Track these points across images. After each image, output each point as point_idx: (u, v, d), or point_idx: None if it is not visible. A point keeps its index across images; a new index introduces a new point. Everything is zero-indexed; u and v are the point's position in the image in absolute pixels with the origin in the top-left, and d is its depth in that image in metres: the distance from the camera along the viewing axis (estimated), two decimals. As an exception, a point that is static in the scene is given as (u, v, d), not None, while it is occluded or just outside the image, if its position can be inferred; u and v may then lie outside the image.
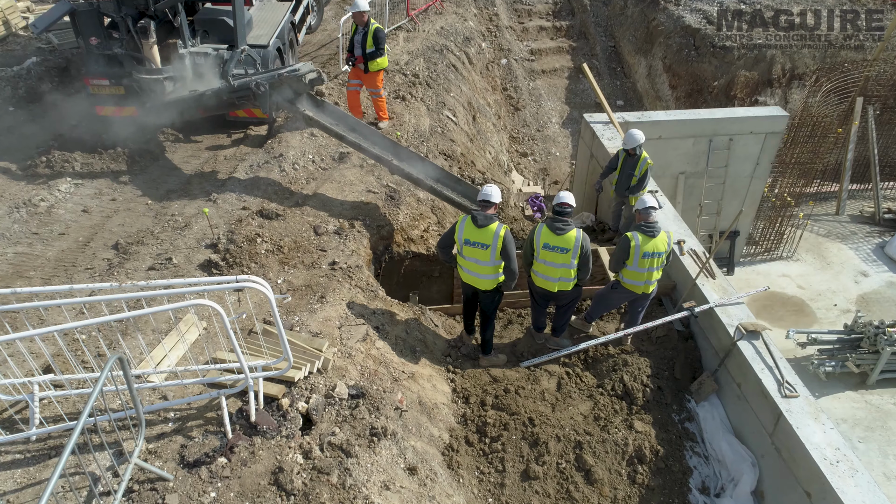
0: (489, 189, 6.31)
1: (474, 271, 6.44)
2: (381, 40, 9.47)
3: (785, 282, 13.01)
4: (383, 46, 9.51)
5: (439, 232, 8.66)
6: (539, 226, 6.55)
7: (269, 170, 8.79)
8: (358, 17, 9.35)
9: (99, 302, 5.02)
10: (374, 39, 9.42)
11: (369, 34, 9.40)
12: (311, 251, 7.38)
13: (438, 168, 8.27)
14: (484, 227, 6.18)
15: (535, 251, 6.60)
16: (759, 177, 12.15)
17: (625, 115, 11.31)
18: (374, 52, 9.45)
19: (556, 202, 6.55)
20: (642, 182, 8.62)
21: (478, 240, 6.24)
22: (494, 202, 6.25)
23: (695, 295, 7.43)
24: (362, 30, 9.45)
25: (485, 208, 6.25)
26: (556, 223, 6.43)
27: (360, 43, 9.53)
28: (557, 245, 6.41)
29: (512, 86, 19.23)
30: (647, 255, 6.60)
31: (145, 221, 7.90)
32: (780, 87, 16.40)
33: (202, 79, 9.42)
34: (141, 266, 6.99)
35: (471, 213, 6.32)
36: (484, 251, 6.26)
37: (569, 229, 6.43)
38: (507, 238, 6.20)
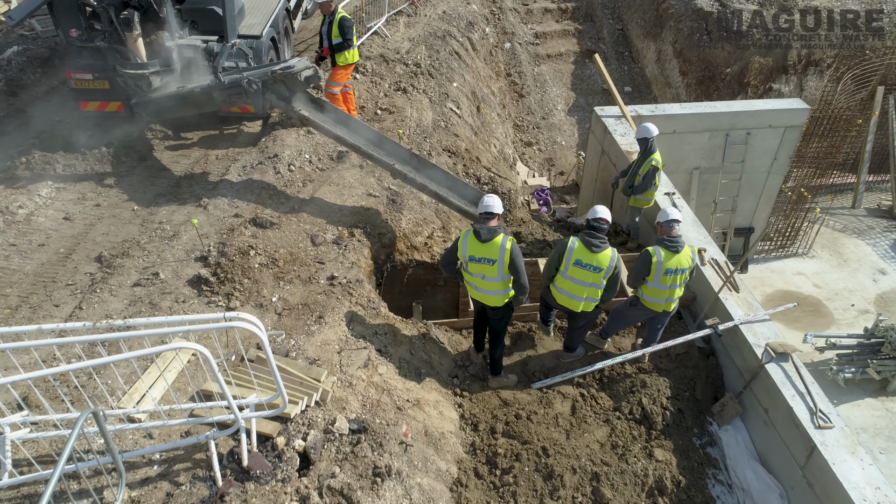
0: (490, 200, 5.81)
1: (482, 288, 5.98)
2: (348, 30, 8.83)
3: (800, 280, 12.57)
4: (351, 37, 8.86)
5: (444, 238, 8.18)
6: (571, 240, 6.06)
7: (263, 171, 8.27)
8: (324, 6, 8.73)
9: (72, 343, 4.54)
10: (339, 29, 8.80)
11: (334, 23, 8.78)
12: (307, 264, 6.91)
13: (444, 172, 7.75)
14: (488, 242, 5.71)
15: (563, 266, 6.12)
16: (777, 172, 11.64)
17: (637, 108, 10.76)
18: (341, 44, 8.84)
19: (592, 217, 6.05)
20: (645, 183, 8.10)
21: (483, 255, 5.77)
22: (497, 213, 5.77)
23: (717, 310, 6.98)
24: (328, 19, 8.84)
25: (487, 220, 5.77)
26: (592, 240, 5.94)
27: (325, 34, 8.91)
28: (590, 263, 5.94)
29: (516, 71, 18.59)
30: (669, 271, 6.13)
31: (131, 230, 7.40)
32: (795, 75, 15.80)
33: (191, 74, 8.86)
34: (125, 282, 6.52)
35: (472, 227, 5.83)
36: (491, 267, 5.79)
37: (605, 247, 5.95)
38: (514, 251, 5.73)
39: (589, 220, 6.09)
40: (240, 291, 6.40)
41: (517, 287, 5.99)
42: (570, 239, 6.14)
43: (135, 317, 6.06)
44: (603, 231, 6.06)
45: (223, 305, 6.26)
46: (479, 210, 5.84)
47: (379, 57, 11.78)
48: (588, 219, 6.15)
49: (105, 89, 8.78)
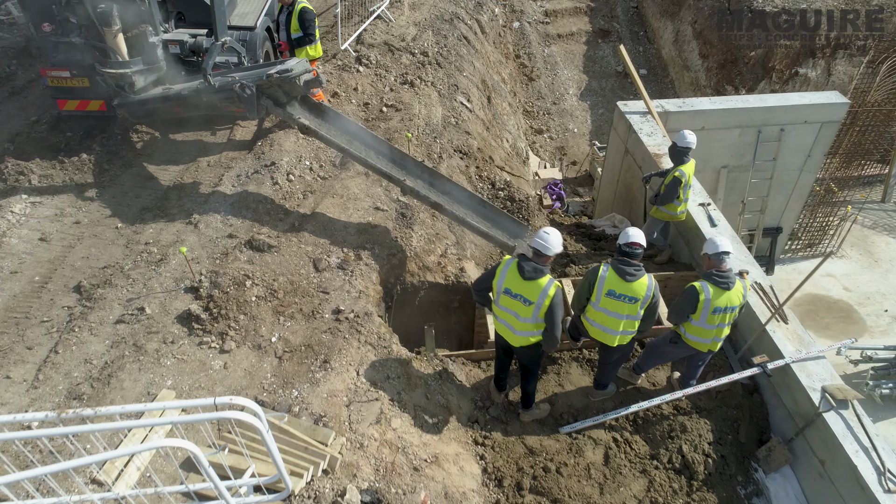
0: (548, 237, 5.04)
1: (510, 324, 5.31)
2: (310, 23, 7.90)
3: (829, 283, 11.90)
4: (313, 31, 7.93)
5: (458, 256, 7.47)
6: (602, 268, 5.37)
7: (260, 182, 7.51)
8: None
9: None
10: (299, 21, 7.90)
11: (294, 14, 7.87)
12: (310, 294, 6.21)
13: (466, 191, 6.97)
14: (531, 281, 5.02)
15: (594, 297, 5.44)
16: (810, 170, 10.88)
17: (663, 103, 9.94)
18: (302, 39, 7.96)
19: (624, 241, 5.36)
20: (666, 195, 7.35)
21: (520, 292, 5.08)
22: (551, 255, 5.06)
23: (763, 343, 6.32)
24: (287, 9, 7.93)
25: (537, 256, 5.06)
26: (625, 267, 5.25)
27: (284, 24, 8.01)
28: (624, 293, 5.26)
29: (525, 52, 17.65)
30: (718, 310, 5.45)
31: (114, 252, 6.69)
32: (822, 58, 14.88)
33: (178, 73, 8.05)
34: (107, 317, 5.84)
35: (518, 258, 5.12)
36: (525, 307, 5.11)
37: (640, 275, 5.26)
38: (556, 299, 5.04)
39: (621, 245, 5.39)
40: (235, 330, 5.72)
41: (547, 338, 5.30)
42: (600, 266, 5.45)
43: (117, 362, 5.40)
44: (637, 257, 5.37)
45: (217, 347, 5.59)
46: (531, 242, 5.11)
47: (383, 45, 10.91)
48: (620, 244, 5.45)
49: (85, 87, 7.99)
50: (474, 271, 7.47)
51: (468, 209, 6.82)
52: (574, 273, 7.62)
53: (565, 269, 7.70)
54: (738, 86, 15.13)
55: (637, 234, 5.36)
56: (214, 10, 6.88)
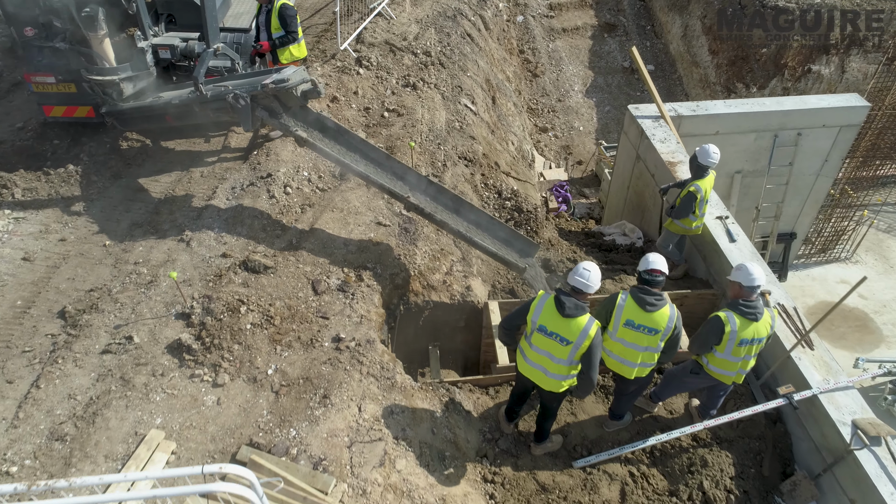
0: (590, 275, 4.68)
1: (543, 367, 4.95)
2: (291, 20, 7.44)
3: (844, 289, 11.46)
4: (295, 29, 7.48)
5: (464, 272, 7.11)
6: (620, 296, 5.02)
7: (256, 195, 7.14)
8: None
9: None
10: (279, 20, 7.43)
11: (274, 13, 7.41)
12: (309, 319, 5.86)
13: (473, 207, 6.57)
14: (571, 319, 4.66)
15: (611, 326, 5.10)
16: (827, 174, 10.51)
17: (677, 106, 9.55)
18: (284, 38, 7.50)
19: (644, 268, 5.01)
20: (681, 209, 6.98)
21: (557, 331, 4.73)
22: (590, 292, 4.70)
23: (788, 371, 5.98)
24: (265, 8, 7.47)
25: (576, 293, 4.71)
26: (645, 296, 4.90)
27: (264, 25, 7.56)
28: (644, 324, 4.92)
29: (529, 47, 17.19)
30: (744, 342, 5.11)
31: (102, 273, 6.33)
32: (836, 55, 14.44)
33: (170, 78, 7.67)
34: (93, 347, 5.49)
35: (557, 295, 4.76)
36: (562, 347, 4.76)
37: (661, 305, 4.92)
38: (596, 339, 4.70)
39: (641, 272, 5.04)
40: (229, 361, 5.38)
41: (583, 380, 4.95)
42: (618, 294, 5.10)
43: (103, 397, 5.06)
44: (658, 285, 5.02)
45: (209, 380, 5.25)
46: (569, 279, 4.75)
47: (384, 45, 10.48)
48: (640, 270, 5.10)
49: (72, 93, 7.60)
50: (481, 289, 7.12)
51: (476, 226, 6.46)
52: (586, 290, 7.25)
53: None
54: (749, 83, 14.71)
55: (658, 260, 5.01)
56: (205, 15, 6.49)
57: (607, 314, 5.17)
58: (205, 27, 6.52)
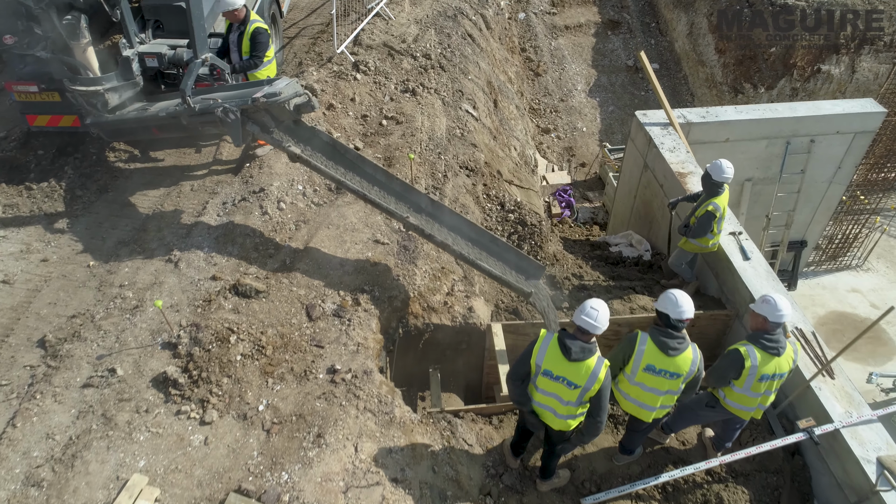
0: (597, 315, 4.31)
1: (552, 408, 4.64)
2: (262, 46, 6.93)
3: (855, 299, 11.27)
4: (263, 55, 6.98)
5: (466, 293, 6.79)
6: (640, 338, 4.69)
7: (248, 211, 6.82)
8: (231, 15, 6.77)
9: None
10: (251, 43, 6.92)
11: (246, 35, 6.91)
12: (302, 349, 5.56)
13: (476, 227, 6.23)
14: (578, 362, 4.35)
15: (629, 369, 4.79)
16: (839, 182, 10.19)
17: (685, 112, 9.21)
18: (248, 62, 6.99)
19: (676, 316, 4.57)
20: (699, 229, 6.65)
21: (564, 375, 4.41)
22: (597, 333, 4.38)
23: (807, 402, 5.69)
24: (238, 28, 6.92)
25: (583, 335, 4.39)
26: (667, 340, 4.57)
27: (235, 45, 7.03)
28: (666, 369, 4.61)
29: (531, 46, 16.81)
30: (765, 377, 4.81)
31: (85, 297, 6.01)
32: (847, 54, 14.09)
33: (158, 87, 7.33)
34: (74, 380, 5.19)
35: (560, 335, 4.44)
36: (570, 391, 4.44)
37: (684, 348, 4.60)
38: (606, 382, 4.39)
39: (669, 316, 4.61)
40: (217, 396, 5.07)
41: (591, 425, 4.62)
42: (637, 336, 4.77)
43: (83, 437, 4.76)
44: (683, 328, 4.68)
45: (197, 417, 4.95)
46: (576, 318, 4.40)
47: (383, 47, 10.13)
48: (665, 313, 4.63)
49: (56, 102, 7.25)
50: (483, 309, 6.81)
51: (479, 247, 6.14)
52: (593, 311, 6.94)
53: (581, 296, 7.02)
54: (757, 83, 14.35)
55: (688, 306, 4.57)
56: (192, 23, 6.13)
57: (625, 357, 4.84)
58: (192, 36, 6.17)
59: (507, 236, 7.96)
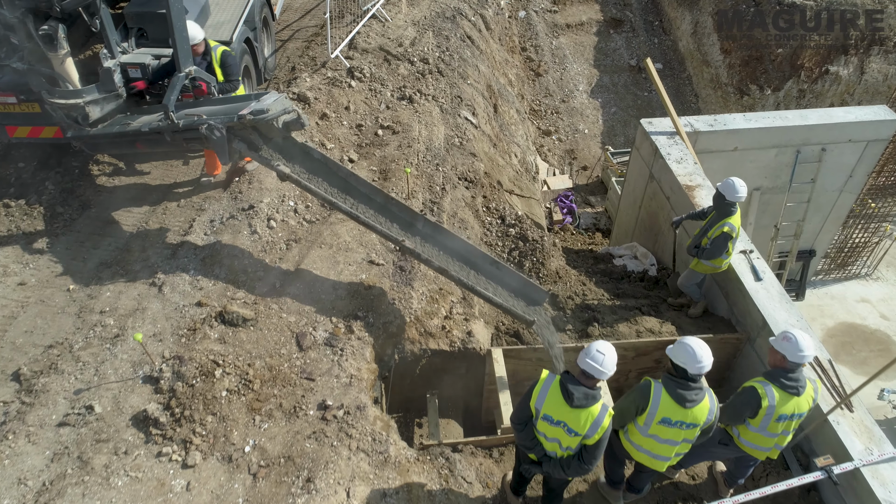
0: (603, 360, 4.01)
1: (553, 451, 4.35)
2: (235, 67, 6.59)
3: (865, 309, 10.98)
4: (239, 76, 6.64)
5: (465, 315, 6.48)
6: (654, 389, 4.34)
7: (236, 231, 6.50)
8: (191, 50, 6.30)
9: None
10: (223, 69, 6.54)
11: (215, 62, 6.56)
12: (292, 382, 5.26)
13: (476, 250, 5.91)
14: (580, 409, 4.05)
15: (642, 421, 4.45)
16: (851, 190, 9.90)
17: (692, 120, 8.89)
18: (226, 87, 6.66)
19: (695, 370, 4.22)
20: (714, 250, 6.35)
21: (564, 420, 4.12)
22: (603, 379, 4.07)
23: (824, 435, 5.40)
24: (202, 60, 6.47)
25: (587, 380, 4.09)
26: (684, 392, 4.25)
27: None
28: (682, 420, 4.30)
29: (532, 45, 16.45)
30: (783, 417, 4.52)
31: (64, 325, 5.71)
32: (856, 55, 13.74)
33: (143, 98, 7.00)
34: (49, 418, 4.89)
35: (563, 379, 4.14)
36: (570, 437, 4.16)
37: (701, 398, 4.29)
38: (609, 430, 4.11)
39: (686, 369, 4.26)
40: (201, 436, 4.78)
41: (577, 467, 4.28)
42: (650, 387, 4.39)
43: (57, 483, 4.48)
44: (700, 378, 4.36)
45: (179, 460, 4.66)
46: (580, 361, 4.09)
47: (379, 51, 9.78)
48: (682, 366, 4.28)
49: (36, 113, 6.91)
50: (483, 332, 6.51)
51: (479, 272, 5.83)
52: (598, 334, 6.66)
53: (587, 328, 6.74)
54: (764, 85, 14.01)
55: (707, 360, 4.24)
56: (175, 35, 5.78)
57: (637, 409, 4.49)
58: (175, 49, 5.83)
59: (508, 252, 7.66)
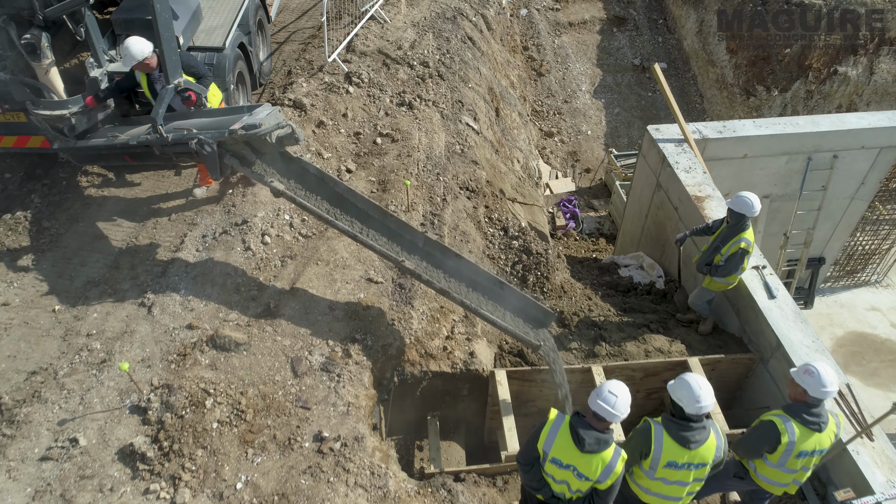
0: (616, 402, 3.76)
1: (557, 492, 4.12)
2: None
3: (875, 318, 10.74)
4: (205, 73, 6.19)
5: (467, 334, 6.25)
6: (655, 432, 4.08)
7: (229, 247, 6.26)
8: (143, 66, 5.86)
9: None
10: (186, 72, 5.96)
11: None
12: (286, 411, 5.02)
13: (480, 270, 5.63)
14: (591, 454, 3.82)
15: (647, 465, 4.21)
16: (862, 197, 9.64)
17: (700, 127, 8.62)
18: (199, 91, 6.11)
19: (692, 409, 3.95)
20: (730, 266, 6.10)
21: (574, 464, 3.89)
22: (616, 422, 3.83)
23: (843, 465, 5.17)
24: (159, 75, 5.92)
25: (599, 422, 3.85)
26: (687, 434, 4.00)
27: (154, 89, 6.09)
28: (689, 462, 4.06)
29: (534, 44, 16.15)
30: (803, 454, 4.29)
31: (48, 348, 5.47)
32: (865, 55, 13.44)
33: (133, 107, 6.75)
34: (32, 451, 4.66)
35: (573, 422, 3.90)
36: (580, 482, 3.93)
37: (706, 437, 4.04)
38: (622, 475, 3.89)
39: (686, 411, 3.98)
40: (191, 472, 4.55)
41: None
42: (650, 429, 4.10)
43: (39, 524, 4.24)
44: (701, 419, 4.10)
45: (167, 498, 4.43)
46: (591, 402, 3.84)
47: (377, 54, 9.50)
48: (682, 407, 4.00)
49: (22, 123, 6.66)
50: (486, 352, 6.27)
51: (483, 293, 5.58)
52: (605, 353, 6.42)
53: (594, 347, 6.50)
54: (771, 86, 13.73)
55: (708, 399, 3.95)
56: (162, 46, 5.51)
57: (641, 454, 4.22)
58: (162, 60, 5.56)
59: (511, 266, 7.41)
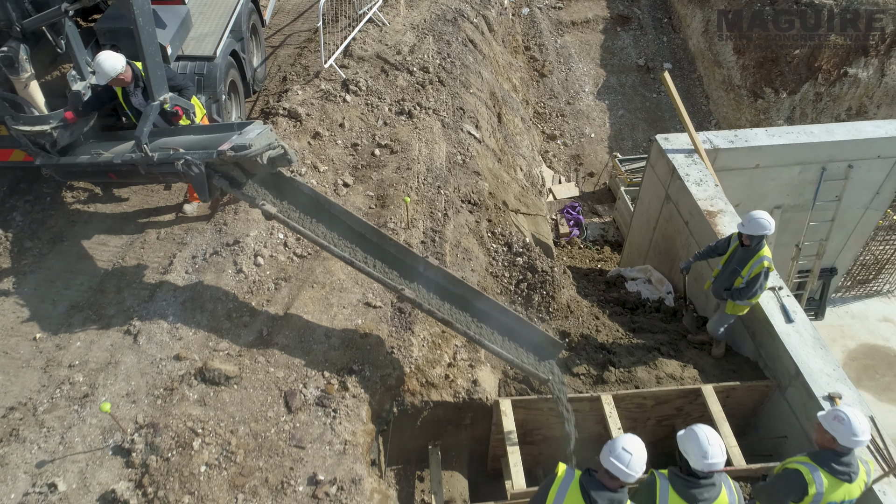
0: (630, 460, 3.48)
1: None
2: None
3: (888, 330, 10.46)
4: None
5: (470, 361, 5.96)
6: (659, 488, 3.81)
7: (220, 269, 5.96)
8: (118, 81, 5.55)
9: None
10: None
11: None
12: (279, 451, 4.74)
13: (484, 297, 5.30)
14: None
15: None
16: (877, 208, 9.34)
17: (711, 136, 8.31)
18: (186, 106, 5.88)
19: (702, 466, 3.65)
20: (752, 289, 5.80)
21: None
22: (630, 482, 3.53)
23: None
24: (135, 88, 5.69)
25: (612, 481, 3.55)
26: (696, 491, 3.71)
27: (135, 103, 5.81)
28: None
29: (536, 43, 15.81)
30: (832, 505, 4.00)
31: (28, 381, 5.18)
32: (876, 56, 13.12)
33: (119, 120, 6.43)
34: (7, 498, 4.38)
35: (583, 481, 3.62)
36: None
37: (716, 495, 3.76)
38: None
39: (695, 467, 3.69)
40: (176, 521, 4.26)
41: None
42: (655, 485, 3.83)
43: (13, 580, 3.96)
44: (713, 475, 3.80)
45: (151, 550, 4.14)
46: (603, 459, 3.56)
47: (375, 59, 9.17)
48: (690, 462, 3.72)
49: (4, 136, 6.35)
50: (489, 379, 5.98)
51: (487, 323, 5.28)
52: (614, 379, 6.13)
53: (603, 373, 6.20)
54: (779, 88, 13.40)
55: (719, 457, 3.66)
56: (146, 62, 5.19)
57: None
58: (146, 75, 5.24)
59: (516, 284, 7.10)
